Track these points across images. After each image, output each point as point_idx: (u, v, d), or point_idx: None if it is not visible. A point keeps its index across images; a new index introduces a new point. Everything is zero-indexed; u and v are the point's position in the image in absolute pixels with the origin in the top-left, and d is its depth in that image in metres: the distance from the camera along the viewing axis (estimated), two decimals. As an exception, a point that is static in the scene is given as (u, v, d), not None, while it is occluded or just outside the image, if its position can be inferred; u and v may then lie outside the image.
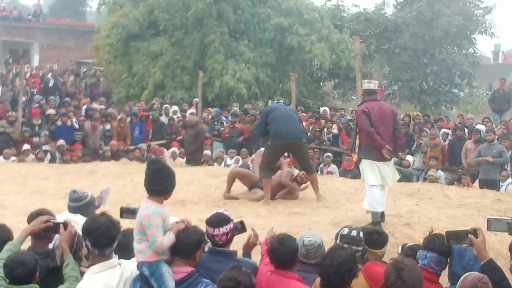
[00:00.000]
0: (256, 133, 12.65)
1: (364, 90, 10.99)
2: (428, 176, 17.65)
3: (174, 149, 20.61)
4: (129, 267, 5.39)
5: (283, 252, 5.42)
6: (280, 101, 13.45)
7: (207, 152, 20.22)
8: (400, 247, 6.48)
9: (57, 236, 5.67)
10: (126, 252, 5.55)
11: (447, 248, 5.72)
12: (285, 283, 4.96)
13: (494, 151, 16.76)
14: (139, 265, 5.28)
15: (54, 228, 5.57)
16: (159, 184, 5.30)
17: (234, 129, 22.09)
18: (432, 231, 6.06)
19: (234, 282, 4.74)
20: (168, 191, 5.39)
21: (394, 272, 4.82)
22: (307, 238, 5.84)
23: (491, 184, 16.20)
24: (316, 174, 13.48)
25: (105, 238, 5.21)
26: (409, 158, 18.94)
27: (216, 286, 5.02)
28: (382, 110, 10.58)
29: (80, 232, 5.50)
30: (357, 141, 10.81)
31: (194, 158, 19.53)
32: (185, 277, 5.19)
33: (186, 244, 5.27)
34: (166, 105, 24.68)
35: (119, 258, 5.56)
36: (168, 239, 5.20)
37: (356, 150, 10.95)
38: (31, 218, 5.95)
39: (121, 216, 6.14)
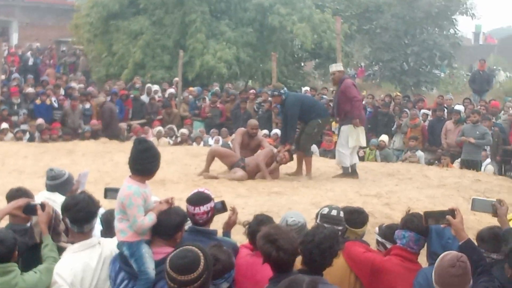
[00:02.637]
0: (293, 127, 13.15)
1: (341, 71, 13.61)
2: (408, 157, 17.74)
3: (159, 128, 20.55)
4: (109, 246, 5.39)
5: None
6: (284, 89, 13.63)
7: (183, 131, 20.21)
8: (377, 228, 6.49)
9: None
10: (112, 231, 5.52)
11: (425, 227, 5.73)
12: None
13: (477, 132, 16.81)
14: (119, 245, 5.27)
15: (31, 210, 5.56)
16: (144, 164, 5.30)
17: (215, 109, 22.05)
18: (409, 211, 6.08)
19: (213, 259, 4.72)
20: (152, 172, 5.38)
21: (271, 246, 4.81)
22: (291, 218, 5.83)
23: (473, 165, 16.28)
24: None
25: (83, 213, 5.22)
26: (384, 137, 18.95)
27: None
28: None
29: (59, 210, 5.48)
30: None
31: (108, 134, 19.70)
32: (164, 257, 5.15)
33: (167, 226, 5.26)
34: (149, 85, 24.58)
35: (106, 237, 5.56)
36: (149, 220, 5.19)
37: (339, 119, 13.50)
38: (10, 195, 5.94)
39: (105, 197, 6.16)
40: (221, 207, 5.92)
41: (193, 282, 4.31)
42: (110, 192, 5.99)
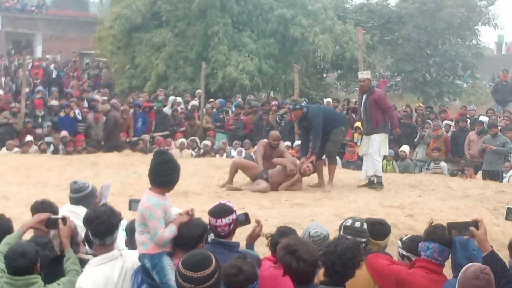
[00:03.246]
0: (318, 136, 13.19)
1: (369, 79, 13.48)
2: (433, 169, 17.66)
3: (182, 140, 20.58)
4: (130, 259, 5.41)
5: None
6: (303, 103, 13.87)
7: (206, 142, 20.22)
8: (399, 241, 6.43)
9: None
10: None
11: (449, 239, 5.68)
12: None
13: (498, 142, 16.78)
14: (141, 257, 5.29)
15: (53, 224, 5.59)
16: (163, 176, 5.32)
17: (239, 121, 22.06)
18: (432, 222, 6.04)
19: (237, 269, 4.71)
20: (171, 184, 5.40)
21: (291, 257, 4.78)
22: (313, 230, 5.83)
23: (494, 175, 16.19)
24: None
25: (105, 225, 5.24)
26: (405, 148, 18.88)
27: None
28: None
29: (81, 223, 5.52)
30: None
31: (109, 145, 19.42)
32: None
33: (188, 238, 5.28)
34: (172, 97, 24.65)
35: (130, 248, 5.58)
36: (169, 232, 5.21)
37: (369, 128, 13.34)
38: (34, 208, 5.98)
39: (130, 209, 6.18)
40: (244, 219, 5.90)
41: (209, 278, 4.30)
42: (135, 204, 6.02)
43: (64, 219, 5.54)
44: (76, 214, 5.83)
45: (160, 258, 5.19)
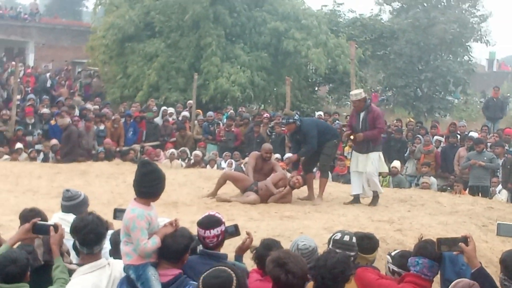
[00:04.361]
0: (313, 146, 13.16)
1: (362, 99, 13.03)
2: (422, 183, 17.68)
3: (172, 150, 20.56)
4: (118, 268, 5.39)
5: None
6: (296, 116, 13.74)
7: (197, 152, 20.21)
8: (388, 256, 6.43)
9: None
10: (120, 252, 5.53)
11: (439, 254, 5.70)
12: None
13: (485, 158, 16.83)
14: (126, 268, 5.27)
15: (44, 230, 5.56)
16: (148, 186, 5.30)
17: (230, 133, 22.05)
18: (421, 238, 6.05)
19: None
20: (157, 194, 5.37)
21: (280, 270, 4.77)
22: (302, 242, 5.82)
23: (482, 191, 16.25)
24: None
25: (93, 235, 5.21)
26: (396, 163, 18.89)
27: None
28: None
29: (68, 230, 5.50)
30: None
31: (68, 159, 19.07)
32: (171, 280, 5.20)
33: (173, 250, 5.25)
34: (164, 107, 24.64)
35: (114, 258, 5.57)
36: (152, 243, 5.18)
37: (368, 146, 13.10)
38: (23, 215, 5.96)
39: (115, 218, 6.16)
40: (234, 231, 5.92)
41: None
42: (120, 213, 5.99)
43: (56, 227, 5.51)
44: (66, 222, 5.80)
45: (144, 269, 5.16)
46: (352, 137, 13.19)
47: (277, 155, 18.25)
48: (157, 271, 5.22)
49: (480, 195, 15.83)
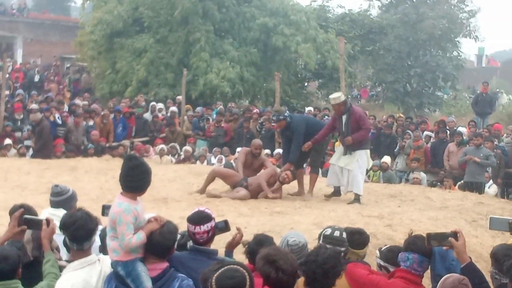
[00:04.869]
0: (299, 146, 13.12)
1: (341, 103, 12.81)
2: (413, 179, 17.70)
3: (162, 146, 20.51)
4: (108, 264, 5.36)
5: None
6: (286, 113, 13.78)
7: (187, 148, 20.18)
8: (377, 251, 6.42)
9: (27, 231, 5.71)
10: None
11: (429, 249, 5.70)
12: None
13: (481, 154, 16.77)
14: (114, 264, 5.23)
15: (36, 225, 5.55)
16: (135, 181, 5.28)
17: (220, 128, 22.01)
18: (411, 233, 6.05)
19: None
20: (143, 189, 5.35)
21: (270, 267, 4.77)
22: (292, 238, 5.82)
23: (477, 187, 16.23)
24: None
25: (83, 231, 5.19)
26: (387, 159, 18.92)
27: (191, 281, 5.12)
28: None
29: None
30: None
31: (42, 154, 19.01)
32: (160, 273, 5.19)
33: (163, 246, 5.26)
34: (153, 103, 24.59)
35: (104, 254, 5.55)
36: (137, 239, 5.15)
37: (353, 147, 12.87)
38: (13, 212, 5.93)
39: (103, 214, 6.14)
40: (224, 226, 5.90)
41: None
42: (108, 210, 5.97)
43: (48, 221, 5.50)
44: (57, 217, 5.77)
45: (134, 265, 5.14)
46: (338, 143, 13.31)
47: (267, 151, 18.24)
48: (145, 266, 5.21)
49: (474, 191, 15.79)
